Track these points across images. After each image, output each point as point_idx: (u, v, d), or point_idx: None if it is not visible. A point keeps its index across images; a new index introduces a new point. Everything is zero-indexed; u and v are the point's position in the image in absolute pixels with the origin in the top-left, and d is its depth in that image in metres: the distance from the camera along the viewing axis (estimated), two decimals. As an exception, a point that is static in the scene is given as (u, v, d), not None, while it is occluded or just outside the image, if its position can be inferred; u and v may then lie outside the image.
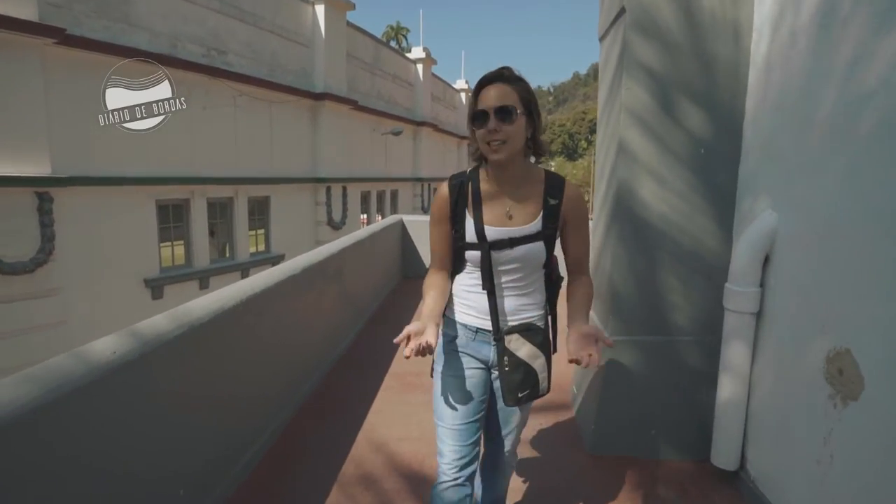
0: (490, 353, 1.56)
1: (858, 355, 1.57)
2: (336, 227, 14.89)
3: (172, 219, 10.68)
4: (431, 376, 1.66)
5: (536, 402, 1.62)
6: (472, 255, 1.51)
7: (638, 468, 2.49)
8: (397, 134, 17.57)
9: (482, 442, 1.67)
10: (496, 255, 1.48)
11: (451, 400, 1.55)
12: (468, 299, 1.57)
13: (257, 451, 2.55)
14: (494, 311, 1.51)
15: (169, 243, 10.69)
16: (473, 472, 1.58)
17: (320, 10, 14.07)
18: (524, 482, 2.40)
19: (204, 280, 11.07)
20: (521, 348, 1.48)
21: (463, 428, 1.54)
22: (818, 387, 1.74)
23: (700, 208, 2.44)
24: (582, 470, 2.52)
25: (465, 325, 1.58)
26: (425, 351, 1.30)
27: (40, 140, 7.91)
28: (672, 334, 2.51)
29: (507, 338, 1.49)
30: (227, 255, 12.28)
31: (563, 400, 3.16)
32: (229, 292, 2.40)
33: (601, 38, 3.07)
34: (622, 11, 2.46)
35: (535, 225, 1.48)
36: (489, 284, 1.50)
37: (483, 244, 1.48)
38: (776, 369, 2.08)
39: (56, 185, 8.06)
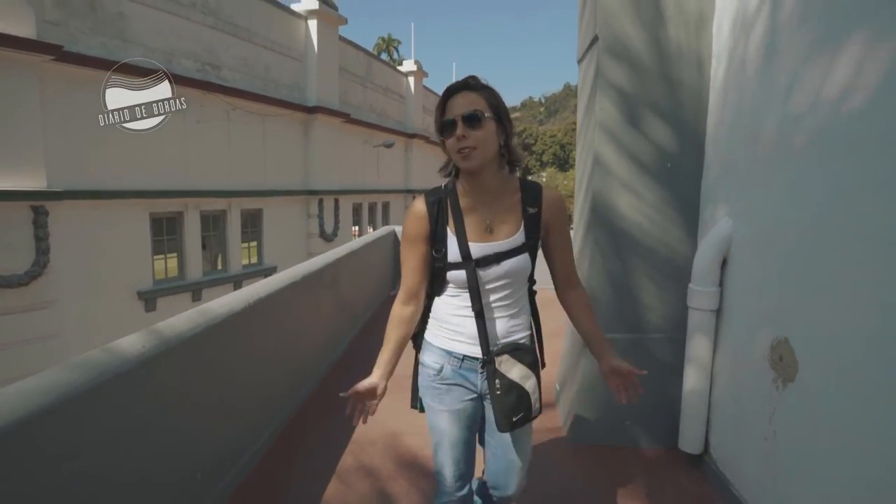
0: (478, 380, 1.49)
1: (794, 343, 1.81)
2: (328, 239, 15.01)
3: (166, 231, 10.76)
4: (412, 406, 1.67)
5: None
6: (456, 275, 1.42)
7: (614, 455, 2.71)
8: (389, 146, 17.75)
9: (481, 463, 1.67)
10: (482, 273, 1.40)
11: (448, 434, 1.52)
12: (454, 324, 1.48)
13: (260, 448, 2.73)
14: (484, 334, 1.43)
15: (162, 256, 10.77)
16: (471, 477, 1.59)
17: (313, 25, 14.30)
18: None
19: (197, 292, 11.14)
20: (513, 369, 1.41)
21: (460, 451, 1.53)
22: (765, 372, 1.96)
23: (668, 216, 2.66)
24: (563, 457, 2.74)
25: (450, 353, 1.49)
26: (367, 416, 1.47)
27: (36, 154, 8.01)
28: (645, 332, 2.72)
29: (497, 359, 1.42)
30: (220, 267, 12.37)
31: (548, 398, 3.35)
32: (239, 296, 2.59)
33: (579, 61, 3.31)
34: (596, 38, 2.70)
35: (519, 237, 1.41)
36: (477, 305, 1.42)
37: (468, 263, 1.40)
38: (732, 360, 2.31)
39: (51, 198, 8.15)
